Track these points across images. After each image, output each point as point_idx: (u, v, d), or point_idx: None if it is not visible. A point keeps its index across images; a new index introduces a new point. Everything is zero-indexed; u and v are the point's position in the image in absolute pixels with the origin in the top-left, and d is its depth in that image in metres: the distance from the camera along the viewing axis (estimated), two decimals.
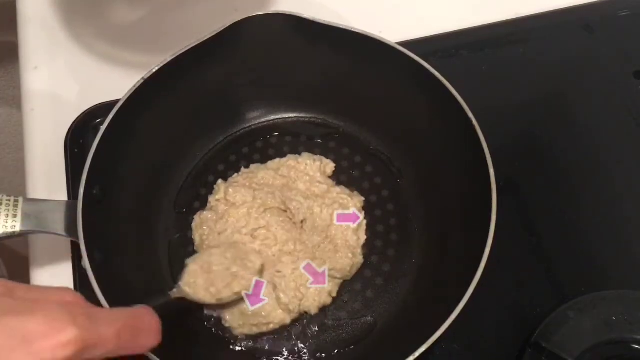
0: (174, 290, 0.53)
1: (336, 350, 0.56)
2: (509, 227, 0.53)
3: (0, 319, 0.31)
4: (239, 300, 0.56)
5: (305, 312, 0.57)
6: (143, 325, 0.38)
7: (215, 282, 0.54)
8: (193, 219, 0.61)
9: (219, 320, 0.57)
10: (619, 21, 0.75)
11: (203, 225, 0.60)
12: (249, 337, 0.57)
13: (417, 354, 0.46)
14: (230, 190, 0.61)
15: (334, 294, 0.58)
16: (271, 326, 0.56)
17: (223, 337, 0.57)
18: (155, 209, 0.62)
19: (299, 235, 0.59)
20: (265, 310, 0.56)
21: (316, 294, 0.57)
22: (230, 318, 0.56)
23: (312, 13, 0.58)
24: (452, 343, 0.56)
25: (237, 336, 0.57)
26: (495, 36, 0.73)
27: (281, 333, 0.57)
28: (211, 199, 0.62)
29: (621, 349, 0.54)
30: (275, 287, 0.57)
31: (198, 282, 0.53)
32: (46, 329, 0.31)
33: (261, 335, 0.57)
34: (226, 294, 0.54)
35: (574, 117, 0.70)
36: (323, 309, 0.58)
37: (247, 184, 0.61)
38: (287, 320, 0.56)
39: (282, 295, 0.56)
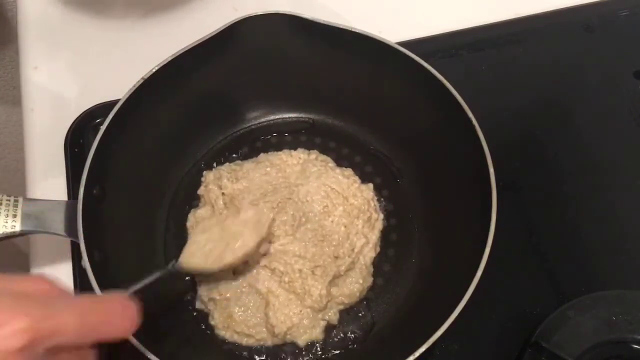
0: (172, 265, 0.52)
1: (336, 351, 0.56)
2: (509, 227, 0.53)
3: None
4: (230, 302, 0.55)
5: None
6: (114, 311, 0.36)
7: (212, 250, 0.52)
8: (188, 218, 0.61)
9: (206, 316, 0.56)
10: (619, 21, 0.75)
11: (198, 223, 0.59)
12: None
13: (417, 354, 0.46)
14: (224, 180, 0.60)
15: (335, 322, 0.56)
16: (251, 341, 0.55)
17: (210, 334, 0.56)
18: (154, 208, 0.62)
19: (299, 244, 0.57)
20: (252, 322, 0.55)
21: (309, 326, 0.55)
22: (217, 317, 0.55)
23: (312, 13, 0.58)
24: (452, 343, 0.56)
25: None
26: (495, 36, 0.73)
27: None
28: (200, 190, 0.61)
29: (621, 349, 0.53)
30: (267, 304, 0.55)
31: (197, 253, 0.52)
32: None
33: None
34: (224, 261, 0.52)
35: (574, 117, 0.70)
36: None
37: (236, 177, 0.60)
38: (269, 342, 0.55)
39: (270, 315, 0.54)
